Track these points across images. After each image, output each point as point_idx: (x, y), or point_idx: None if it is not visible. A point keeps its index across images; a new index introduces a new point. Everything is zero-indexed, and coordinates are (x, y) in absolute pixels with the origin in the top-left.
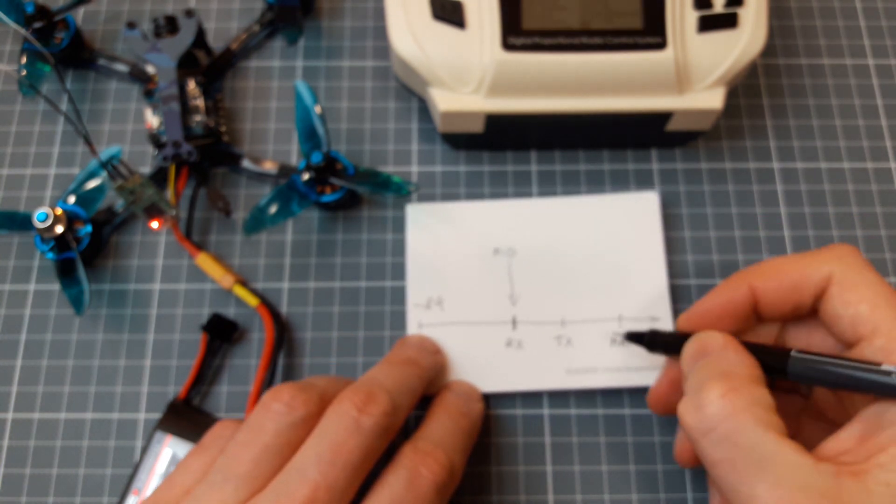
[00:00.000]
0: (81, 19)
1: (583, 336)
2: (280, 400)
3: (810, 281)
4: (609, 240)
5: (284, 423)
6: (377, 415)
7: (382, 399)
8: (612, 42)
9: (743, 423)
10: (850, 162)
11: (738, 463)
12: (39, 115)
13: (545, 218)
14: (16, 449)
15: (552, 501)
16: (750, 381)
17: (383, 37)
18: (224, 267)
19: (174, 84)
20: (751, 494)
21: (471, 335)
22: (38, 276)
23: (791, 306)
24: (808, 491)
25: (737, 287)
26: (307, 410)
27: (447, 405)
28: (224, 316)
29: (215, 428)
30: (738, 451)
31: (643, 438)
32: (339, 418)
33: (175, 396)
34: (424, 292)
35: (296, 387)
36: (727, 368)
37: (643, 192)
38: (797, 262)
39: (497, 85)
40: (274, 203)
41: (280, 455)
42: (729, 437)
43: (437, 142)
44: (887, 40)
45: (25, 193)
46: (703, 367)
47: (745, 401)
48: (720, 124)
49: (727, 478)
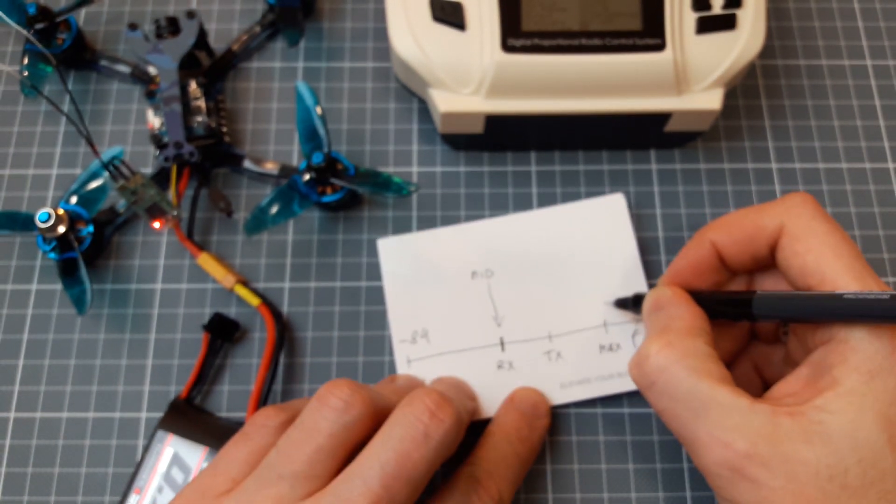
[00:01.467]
0: (83, 20)
1: (571, 348)
2: (338, 396)
3: (764, 232)
4: (582, 247)
5: (340, 424)
6: (447, 424)
7: (453, 408)
8: (612, 43)
9: (677, 375)
10: (848, 162)
11: (679, 411)
12: (41, 115)
13: (516, 234)
14: (18, 448)
15: (552, 500)
16: (686, 334)
17: (384, 38)
18: (225, 267)
19: (176, 85)
20: (693, 437)
21: (461, 363)
22: (41, 276)
23: (750, 257)
24: (744, 430)
25: (700, 244)
26: (364, 410)
27: (508, 427)
28: (226, 315)
29: (258, 417)
30: (676, 401)
31: (642, 437)
32: (409, 424)
33: (177, 395)
34: (408, 327)
35: (354, 384)
36: (666, 323)
37: (609, 195)
38: (752, 215)
39: (497, 86)
40: (275, 203)
41: (334, 456)
42: (666, 389)
43: (438, 142)
44: (885, 41)
45: (27, 194)
46: (649, 324)
47: (677, 353)
48: (719, 125)
49: (672, 424)
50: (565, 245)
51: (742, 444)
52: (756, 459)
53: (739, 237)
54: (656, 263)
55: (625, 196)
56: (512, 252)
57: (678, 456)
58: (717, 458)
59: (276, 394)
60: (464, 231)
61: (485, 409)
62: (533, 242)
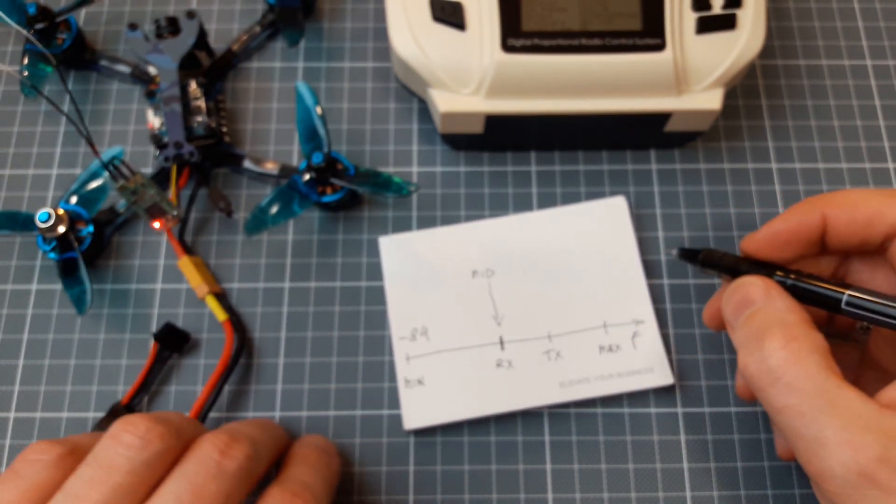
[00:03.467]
0: (83, 20)
1: (571, 347)
2: (134, 433)
3: (886, 219)
4: (583, 249)
5: (139, 460)
6: (240, 458)
7: (245, 443)
8: (612, 43)
9: (807, 370)
10: (849, 162)
11: (805, 408)
12: (41, 115)
13: (518, 235)
14: (18, 448)
15: (552, 500)
16: (807, 328)
17: (384, 38)
18: (202, 275)
19: (176, 85)
20: (818, 437)
21: (460, 361)
22: (41, 276)
23: (859, 240)
24: (876, 433)
25: (809, 212)
26: (164, 445)
27: (306, 455)
28: (175, 326)
29: (29, 451)
30: (804, 398)
31: (642, 437)
32: (201, 461)
33: (118, 401)
34: (408, 324)
35: (151, 418)
36: (781, 317)
37: (611, 198)
38: (875, 198)
39: (497, 86)
40: (275, 203)
41: (133, 495)
42: (794, 385)
43: (438, 142)
44: (885, 41)
45: (28, 194)
46: (756, 318)
47: (806, 348)
48: (718, 125)
49: (793, 423)
50: (566, 246)
51: (875, 448)
52: (889, 465)
53: (858, 218)
54: (656, 263)
55: (625, 197)
56: (513, 252)
57: (678, 456)
58: (845, 460)
59: (276, 393)
60: (466, 230)
61: (483, 407)
62: (534, 243)
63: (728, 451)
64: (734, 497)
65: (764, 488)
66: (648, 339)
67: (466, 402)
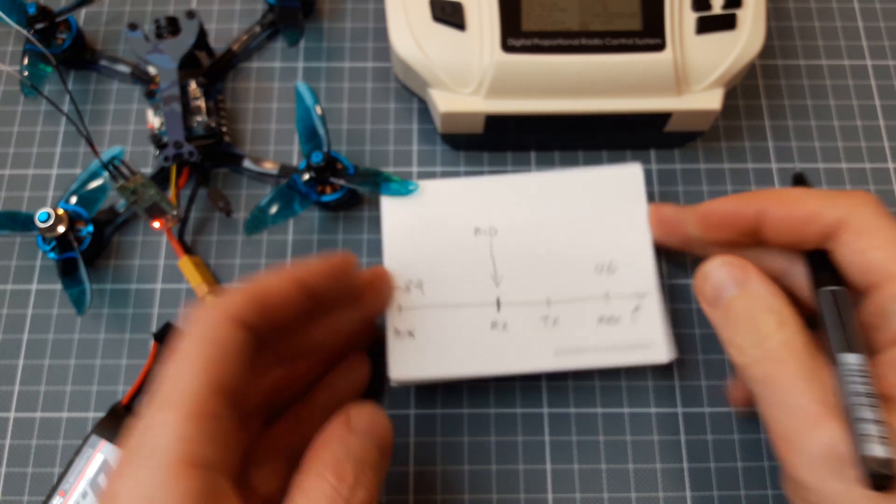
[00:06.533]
0: (83, 20)
1: (569, 315)
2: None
3: (821, 220)
4: (592, 215)
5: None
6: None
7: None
8: (611, 43)
9: (797, 351)
10: (848, 162)
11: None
12: (41, 115)
13: (526, 195)
14: (18, 448)
15: (551, 500)
16: (791, 310)
17: (384, 38)
18: (203, 275)
19: (176, 85)
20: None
21: (454, 318)
22: (40, 276)
23: (794, 239)
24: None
25: (746, 204)
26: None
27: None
28: (176, 325)
29: None
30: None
31: (642, 437)
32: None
33: (118, 401)
34: (403, 275)
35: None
36: (769, 302)
37: (627, 164)
38: (813, 198)
39: (497, 86)
40: (275, 203)
41: None
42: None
43: (438, 142)
44: (885, 41)
45: (27, 194)
46: (739, 302)
47: (795, 330)
48: (718, 125)
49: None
50: (575, 210)
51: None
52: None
53: (794, 216)
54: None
55: (642, 168)
56: (519, 212)
57: (678, 456)
58: (819, 434)
59: None
60: (472, 186)
61: (473, 367)
62: (542, 204)
63: (728, 451)
64: (734, 497)
65: (764, 488)
66: (650, 314)
67: (456, 360)
